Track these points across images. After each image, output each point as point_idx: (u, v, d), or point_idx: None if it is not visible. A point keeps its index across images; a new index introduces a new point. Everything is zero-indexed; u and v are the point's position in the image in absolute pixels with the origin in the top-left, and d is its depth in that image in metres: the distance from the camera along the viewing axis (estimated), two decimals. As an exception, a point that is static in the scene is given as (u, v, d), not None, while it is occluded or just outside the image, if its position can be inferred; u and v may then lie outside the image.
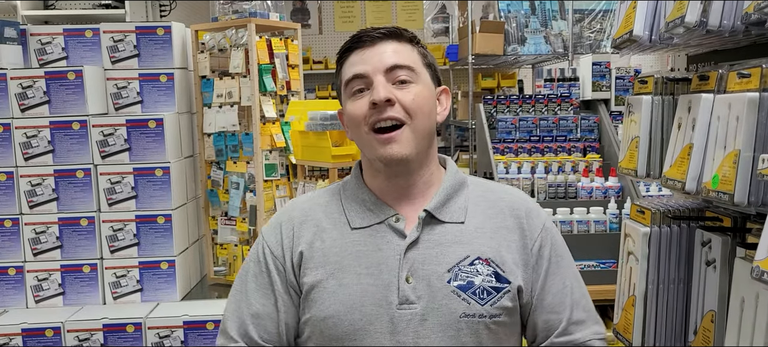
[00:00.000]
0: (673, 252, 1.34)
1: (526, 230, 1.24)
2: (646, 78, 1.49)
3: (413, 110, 1.18)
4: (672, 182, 1.26)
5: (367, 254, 1.20)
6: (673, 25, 1.25)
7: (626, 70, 3.78)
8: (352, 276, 1.19)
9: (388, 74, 1.19)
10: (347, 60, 1.24)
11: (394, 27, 1.25)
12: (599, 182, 3.21)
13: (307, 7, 7.09)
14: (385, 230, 1.21)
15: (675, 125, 1.33)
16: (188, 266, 2.91)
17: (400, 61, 1.21)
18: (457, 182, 1.26)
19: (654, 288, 1.35)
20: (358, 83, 1.21)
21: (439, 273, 1.17)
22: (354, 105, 1.21)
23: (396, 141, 1.17)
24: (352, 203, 1.25)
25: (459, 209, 1.23)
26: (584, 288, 1.29)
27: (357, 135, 1.23)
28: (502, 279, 1.19)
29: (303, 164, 2.85)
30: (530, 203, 1.29)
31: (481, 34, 4.47)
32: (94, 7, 4.27)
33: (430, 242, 1.20)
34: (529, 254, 1.23)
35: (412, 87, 1.20)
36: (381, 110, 1.18)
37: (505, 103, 3.58)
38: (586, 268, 2.88)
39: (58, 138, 2.63)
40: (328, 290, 1.19)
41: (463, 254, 1.19)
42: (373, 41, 1.22)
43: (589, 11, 4.75)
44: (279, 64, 2.97)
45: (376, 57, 1.20)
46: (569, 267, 1.28)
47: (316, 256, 1.22)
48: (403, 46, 1.23)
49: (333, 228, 1.24)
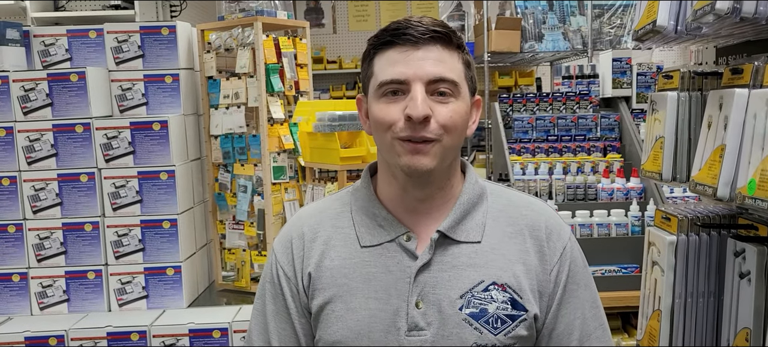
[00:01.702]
0: (703, 263, 1.24)
1: (547, 253, 1.14)
2: (671, 73, 1.38)
3: (449, 126, 1.09)
4: (702, 187, 1.15)
5: (376, 276, 1.12)
6: (702, 12, 1.14)
7: (648, 67, 3.65)
8: (360, 299, 1.12)
9: (429, 85, 1.08)
10: (384, 55, 1.12)
11: (443, 26, 1.12)
12: (620, 183, 3.09)
13: (321, 7, 7.03)
14: (395, 250, 1.13)
15: (704, 124, 1.22)
16: (195, 271, 2.84)
17: (445, 73, 1.09)
18: (475, 195, 1.17)
19: (681, 301, 1.24)
20: (393, 86, 1.10)
21: (452, 298, 1.10)
22: (385, 109, 1.10)
23: (424, 153, 1.08)
24: (362, 216, 1.17)
25: (476, 227, 1.14)
26: (601, 313, 1.18)
27: (380, 138, 1.13)
28: (518, 306, 1.10)
29: (312, 166, 2.77)
30: (553, 220, 1.18)
31: (497, 32, 4.36)
32: (103, 8, 4.23)
33: (443, 265, 1.11)
34: (547, 280, 1.14)
35: (451, 103, 1.09)
36: (415, 127, 1.07)
37: (522, 101, 3.47)
38: (607, 273, 2.76)
39: (61, 141, 2.58)
40: (335, 314, 1.13)
41: (477, 279, 1.11)
42: (417, 42, 1.10)
43: (609, 6, 4.62)
44: (287, 64, 2.89)
45: (419, 63, 1.09)
46: (586, 293, 1.17)
47: (324, 276, 1.15)
48: (449, 55, 1.11)
49: (342, 246, 1.16)
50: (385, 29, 1.13)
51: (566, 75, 3.82)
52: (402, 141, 1.09)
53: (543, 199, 3.14)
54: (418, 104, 1.06)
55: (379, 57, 1.13)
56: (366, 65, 1.16)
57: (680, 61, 5.66)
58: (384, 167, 1.17)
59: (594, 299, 1.18)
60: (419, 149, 1.08)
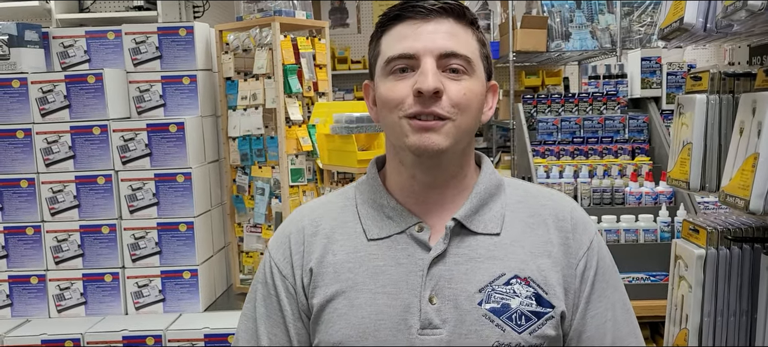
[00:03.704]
0: (734, 279, 1.15)
1: (572, 246, 1.05)
2: (700, 74, 1.29)
3: (462, 104, 1.00)
4: (732, 198, 1.06)
5: (384, 270, 1.02)
6: (733, 9, 1.05)
7: (679, 66, 3.52)
8: (366, 294, 1.01)
9: (440, 60, 1.00)
10: (392, 30, 1.04)
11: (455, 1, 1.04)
12: (649, 187, 2.99)
13: (346, 6, 6.99)
14: (406, 242, 1.03)
15: (736, 130, 1.13)
16: (212, 275, 2.81)
17: (457, 48, 1.01)
18: (492, 185, 1.08)
19: (711, 320, 1.16)
20: (402, 62, 1.01)
21: (469, 292, 0.99)
22: (392, 86, 1.02)
23: (435, 131, 0.99)
24: (368, 208, 1.08)
25: (494, 218, 1.05)
26: (632, 318, 1.08)
27: (387, 119, 1.04)
28: (544, 302, 1.00)
29: (329, 168, 2.72)
30: (577, 211, 1.09)
31: (523, 30, 4.27)
32: (127, 9, 4.25)
33: (460, 257, 1.01)
34: (573, 275, 1.03)
35: (464, 80, 1.01)
36: (426, 101, 0.99)
37: (546, 102, 3.37)
38: (635, 281, 2.66)
39: (78, 143, 2.57)
40: (337, 311, 1.02)
41: (497, 272, 1.01)
42: (428, 15, 1.01)
43: (638, 4, 4.48)
44: (305, 65, 2.84)
45: (429, 36, 1.01)
46: (616, 294, 1.07)
47: (326, 272, 1.05)
48: (462, 29, 1.03)
49: (346, 239, 1.06)
50: (393, 6, 1.05)
51: (593, 75, 3.71)
52: (410, 119, 1.00)
53: (568, 203, 3.04)
54: (429, 78, 0.98)
55: (387, 34, 1.05)
56: (373, 46, 1.08)
57: (713, 60, 5.49)
58: (392, 155, 1.09)
59: (625, 302, 1.08)
60: (429, 126, 0.99)
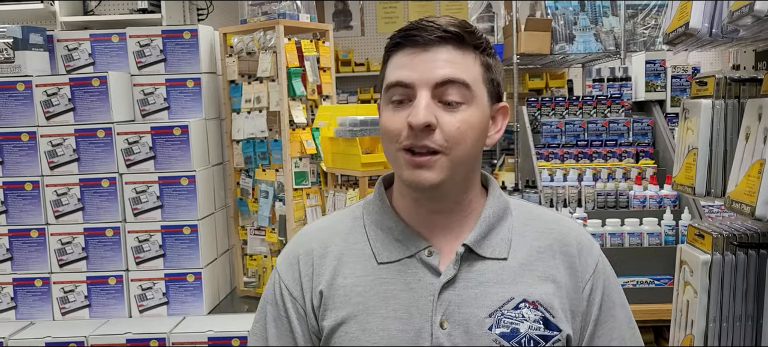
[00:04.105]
0: (740, 285, 1.15)
1: (578, 270, 1.07)
2: (706, 78, 1.29)
3: (455, 139, 1.01)
4: (738, 204, 1.06)
5: (395, 294, 1.03)
6: (739, 14, 1.05)
7: (684, 69, 3.51)
8: (377, 319, 1.03)
9: (436, 90, 1.00)
10: (395, 57, 1.05)
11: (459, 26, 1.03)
12: (653, 191, 2.98)
13: (349, 9, 6.99)
14: (416, 266, 1.04)
15: (742, 136, 1.13)
16: (216, 278, 2.81)
17: (454, 74, 1.00)
18: (500, 209, 1.09)
19: (716, 326, 1.15)
20: (399, 92, 1.02)
21: (479, 317, 1.01)
22: (390, 117, 1.03)
23: (427, 167, 1.00)
24: (376, 230, 1.09)
25: (502, 242, 1.06)
26: (637, 333, 1.11)
27: (386, 149, 1.06)
28: (551, 326, 1.02)
29: (333, 171, 2.72)
30: (582, 235, 1.11)
31: (527, 33, 4.26)
32: (131, 11, 4.24)
33: (469, 282, 1.03)
34: (579, 298, 1.06)
35: (460, 111, 1.01)
36: (418, 135, 1.00)
37: (550, 105, 3.37)
38: (639, 285, 2.65)
39: (83, 146, 2.57)
40: (349, 335, 1.03)
41: (506, 297, 1.03)
42: (427, 44, 1.01)
43: (643, 6, 4.48)
44: (309, 68, 2.84)
45: (426, 65, 1.01)
46: (622, 312, 1.10)
47: (337, 295, 1.06)
48: (463, 56, 1.02)
49: (355, 262, 1.07)
50: (398, 31, 1.06)
51: (597, 78, 3.70)
52: (405, 152, 1.02)
53: (572, 206, 3.04)
54: (420, 111, 0.98)
55: (391, 60, 1.06)
56: (382, 70, 1.10)
57: (718, 63, 5.47)
58: (397, 178, 1.11)
59: (630, 318, 1.11)
60: (422, 162, 1.00)
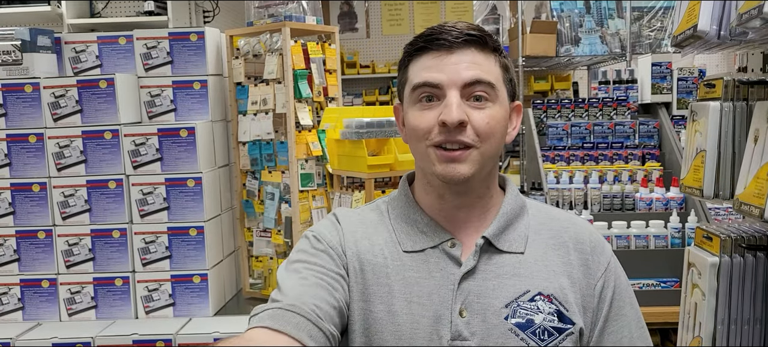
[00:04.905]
0: (748, 287, 1.14)
1: (591, 267, 1.10)
2: (714, 81, 1.28)
3: (486, 133, 1.05)
4: (747, 207, 1.06)
5: (418, 280, 1.07)
6: (747, 16, 1.05)
7: (690, 71, 3.51)
8: (402, 302, 1.06)
9: (464, 90, 1.05)
10: (418, 60, 1.09)
11: (478, 29, 1.08)
12: (659, 193, 2.97)
13: (355, 11, 6.99)
14: (438, 256, 1.09)
15: (750, 138, 1.13)
16: (222, 279, 2.82)
17: (481, 76, 1.06)
18: (517, 207, 1.14)
19: (724, 328, 1.15)
20: (428, 91, 1.07)
21: (496, 307, 1.05)
22: (419, 116, 1.07)
23: (461, 161, 1.05)
24: (401, 223, 1.13)
25: (519, 238, 1.11)
26: (646, 333, 1.12)
27: (415, 146, 1.10)
28: (565, 319, 1.06)
29: (339, 173, 2.72)
30: (595, 235, 1.15)
31: (532, 35, 4.26)
32: (137, 14, 4.25)
33: (488, 273, 1.07)
34: (592, 294, 1.09)
35: (488, 107, 1.06)
36: (451, 132, 1.04)
37: (556, 107, 3.36)
38: (645, 287, 2.65)
39: (90, 148, 2.58)
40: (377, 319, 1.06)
41: (522, 289, 1.07)
42: (451, 46, 1.07)
43: (648, 8, 4.47)
44: (315, 70, 2.85)
45: (453, 67, 1.06)
46: (632, 311, 1.12)
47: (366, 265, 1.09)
48: (485, 57, 1.08)
49: (384, 246, 1.11)
50: (419, 36, 1.11)
51: (603, 80, 3.69)
52: (436, 148, 1.06)
53: (578, 209, 3.03)
54: (454, 110, 1.03)
55: (414, 63, 1.10)
56: (402, 73, 1.14)
57: (724, 65, 5.45)
58: (421, 175, 1.15)
59: (639, 318, 1.14)
60: (455, 156, 1.04)
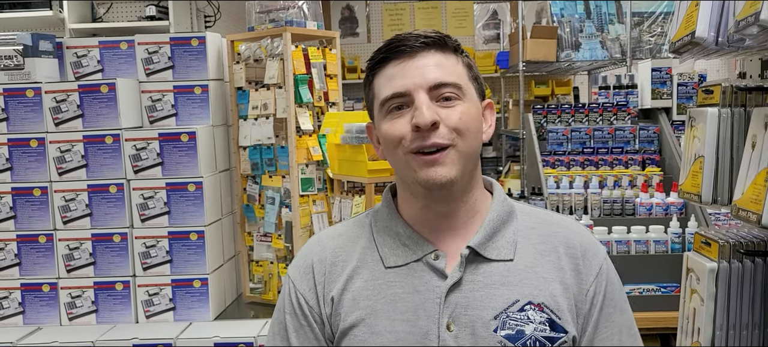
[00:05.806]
0: (746, 292, 1.15)
1: (583, 272, 1.08)
2: (712, 87, 1.29)
3: (461, 129, 1.05)
4: (745, 213, 1.06)
5: (402, 297, 1.06)
6: (744, 23, 1.06)
7: (690, 77, 3.52)
8: (385, 321, 1.05)
9: (432, 92, 1.05)
10: (382, 72, 1.09)
11: (436, 33, 1.09)
12: (659, 198, 2.98)
13: (356, 16, 7.01)
14: (422, 270, 1.07)
15: (748, 144, 1.13)
16: (223, 284, 2.82)
17: (446, 78, 1.06)
18: (504, 212, 1.11)
19: (723, 334, 1.15)
20: (397, 102, 1.06)
21: (485, 319, 1.03)
22: (391, 125, 1.06)
23: (440, 163, 1.03)
24: (384, 236, 1.11)
25: (507, 244, 1.08)
26: (638, 340, 1.11)
27: (392, 156, 1.09)
28: (557, 327, 1.04)
29: (340, 178, 2.73)
30: (587, 238, 1.13)
31: (533, 40, 4.27)
32: (139, 19, 4.28)
33: (475, 284, 1.05)
34: (582, 300, 1.07)
35: (458, 105, 1.06)
36: (425, 134, 1.03)
37: (556, 112, 3.37)
38: (645, 293, 2.65)
39: (91, 153, 2.59)
40: (358, 338, 1.06)
41: (511, 299, 1.04)
42: (413, 52, 1.06)
43: (648, 14, 4.48)
44: (316, 75, 2.86)
45: (417, 71, 1.05)
46: (623, 317, 1.10)
47: (346, 299, 1.08)
48: (447, 59, 1.08)
49: (364, 267, 1.10)
50: (379, 49, 1.11)
51: (603, 85, 3.71)
52: (414, 155, 1.04)
53: (578, 214, 3.04)
54: (424, 111, 1.03)
55: (378, 76, 1.10)
56: (367, 90, 1.13)
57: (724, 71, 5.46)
58: (402, 187, 1.13)
59: (631, 325, 1.12)
60: (434, 159, 1.03)
